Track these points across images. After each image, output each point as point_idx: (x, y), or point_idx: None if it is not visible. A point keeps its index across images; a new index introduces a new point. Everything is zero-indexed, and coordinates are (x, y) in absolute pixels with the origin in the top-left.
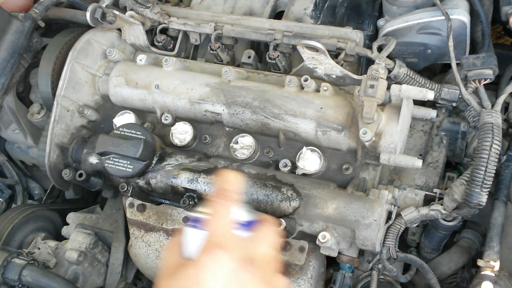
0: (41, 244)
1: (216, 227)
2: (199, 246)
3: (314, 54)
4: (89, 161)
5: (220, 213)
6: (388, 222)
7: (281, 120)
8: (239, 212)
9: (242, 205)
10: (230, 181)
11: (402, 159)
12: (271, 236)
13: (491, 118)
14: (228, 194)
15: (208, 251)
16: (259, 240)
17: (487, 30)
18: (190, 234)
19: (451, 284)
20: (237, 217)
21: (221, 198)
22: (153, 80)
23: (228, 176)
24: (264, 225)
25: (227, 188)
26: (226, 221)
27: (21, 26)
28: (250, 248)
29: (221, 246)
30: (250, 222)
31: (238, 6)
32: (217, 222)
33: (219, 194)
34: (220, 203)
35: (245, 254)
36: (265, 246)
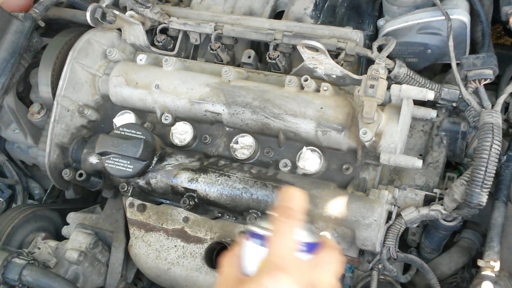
0: (41, 244)
1: (278, 247)
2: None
3: (314, 54)
4: (89, 161)
5: (283, 232)
6: (388, 222)
7: (281, 120)
8: (302, 233)
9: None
10: (295, 199)
11: (402, 159)
12: (333, 262)
13: (491, 118)
14: (293, 213)
15: (270, 271)
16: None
17: (487, 30)
18: (251, 250)
19: (451, 284)
20: (299, 238)
21: (285, 217)
22: (153, 80)
23: (293, 193)
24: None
25: (292, 207)
26: (289, 242)
27: (21, 26)
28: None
29: (283, 268)
30: (312, 244)
31: (238, 6)
32: (279, 241)
33: (283, 212)
34: (284, 221)
35: (306, 279)
36: (327, 273)
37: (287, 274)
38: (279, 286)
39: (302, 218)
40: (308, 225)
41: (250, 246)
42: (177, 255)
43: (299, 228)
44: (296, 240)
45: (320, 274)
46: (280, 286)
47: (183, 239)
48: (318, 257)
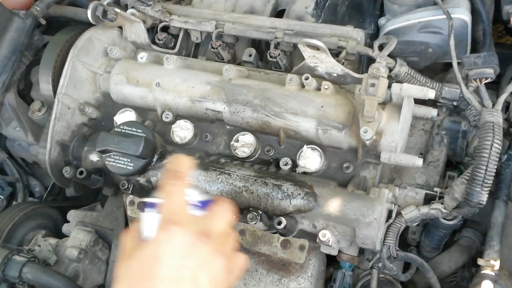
0: (41, 241)
1: (170, 206)
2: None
3: (315, 52)
4: (90, 158)
5: (172, 193)
6: (389, 220)
7: (281, 118)
8: (193, 193)
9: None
10: (181, 163)
11: (403, 158)
12: (226, 213)
13: (492, 117)
14: (179, 174)
15: (164, 228)
16: (214, 217)
17: (488, 29)
18: (147, 218)
19: (451, 283)
20: (191, 198)
21: (173, 180)
22: (154, 78)
23: (179, 158)
24: (218, 204)
25: (178, 170)
26: (180, 200)
27: (22, 23)
28: (205, 224)
29: (176, 222)
30: (204, 202)
31: (239, 5)
32: (170, 201)
33: (170, 176)
34: (171, 183)
35: (200, 229)
36: (220, 222)
37: (180, 226)
38: (173, 237)
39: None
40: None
41: (146, 216)
42: None
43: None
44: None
45: (213, 222)
46: (174, 237)
47: None
48: (210, 210)
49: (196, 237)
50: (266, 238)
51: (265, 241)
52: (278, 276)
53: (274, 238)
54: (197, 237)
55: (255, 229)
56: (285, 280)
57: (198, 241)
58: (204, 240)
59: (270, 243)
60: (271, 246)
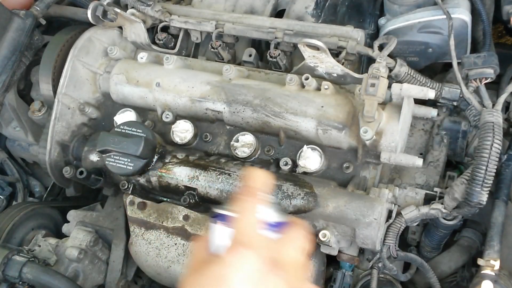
0: (41, 241)
1: (242, 225)
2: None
3: (315, 52)
4: (90, 158)
5: (247, 211)
6: (389, 220)
7: (281, 118)
8: (267, 212)
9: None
10: (258, 179)
11: (403, 158)
12: (300, 240)
13: (492, 117)
14: (256, 192)
15: (234, 249)
16: (287, 243)
17: (488, 29)
18: (217, 231)
19: (451, 283)
20: (265, 217)
21: (248, 196)
22: (154, 78)
23: (256, 174)
24: (293, 228)
25: (255, 186)
26: (253, 220)
27: (22, 23)
28: (277, 250)
29: (247, 245)
30: (279, 223)
31: (239, 5)
32: (244, 219)
33: (246, 192)
34: (247, 200)
35: (272, 255)
36: (293, 250)
37: (251, 250)
38: (242, 262)
39: (266, 197)
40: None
41: (217, 228)
42: (177, 253)
43: (264, 207)
44: (260, 218)
45: (286, 250)
46: (244, 261)
47: (183, 237)
48: (284, 235)
49: (268, 266)
50: None
51: None
52: None
53: None
54: (268, 265)
55: None
56: None
57: (269, 271)
58: (276, 270)
59: None
60: None
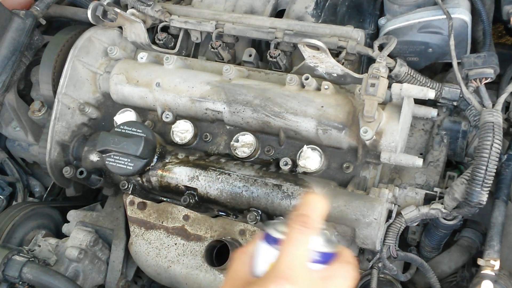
0: (41, 241)
1: (290, 256)
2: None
3: (315, 52)
4: (90, 158)
5: (297, 242)
6: (389, 220)
7: (281, 118)
8: (317, 242)
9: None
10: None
11: (403, 158)
12: (346, 278)
13: (492, 117)
14: (310, 222)
15: (276, 280)
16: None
17: (488, 29)
18: (263, 251)
19: (451, 283)
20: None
21: (302, 225)
22: (154, 78)
23: (314, 201)
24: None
25: (311, 215)
26: (301, 252)
27: (22, 23)
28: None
29: (290, 279)
30: (327, 254)
31: (239, 5)
32: (292, 250)
33: (301, 220)
34: (300, 230)
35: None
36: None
37: (293, 284)
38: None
39: (319, 226)
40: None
41: (263, 247)
42: (177, 253)
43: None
44: (309, 250)
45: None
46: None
47: (183, 237)
48: (331, 270)
49: None
50: None
51: None
52: None
53: None
54: None
55: (255, 229)
56: None
57: None
58: None
59: None
60: None
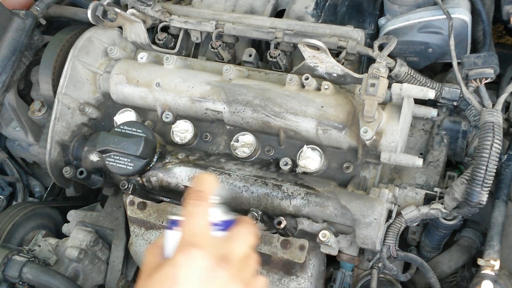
0: (41, 241)
1: (190, 226)
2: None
3: (315, 52)
4: (90, 158)
5: (194, 213)
6: (389, 220)
7: (281, 118)
8: (215, 212)
9: (217, 206)
10: (204, 182)
11: (403, 158)
12: (247, 235)
13: (492, 117)
14: (202, 195)
15: (183, 249)
16: (235, 239)
17: (488, 29)
18: (170, 236)
19: (451, 283)
20: (212, 217)
21: (195, 198)
22: (154, 78)
23: (202, 177)
24: (240, 225)
25: (201, 189)
26: (201, 221)
27: (22, 23)
28: (225, 247)
29: (195, 245)
30: (226, 222)
31: (239, 5)
32: (191, 221)
33: (193, 195)
34: (194, 203)
35: (220, 252)
36: (241, 245)
37: (199, 248)
38: (192, 261)
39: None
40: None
41: (170, 233)
42: None
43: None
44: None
45: (234, 246)
46: (193, 260)
47: None
48: (232, 232)
49: (216, 262)
50: (266, 238)
51: (265, 241)
52: (278, 276)
53: (274, 238)
54: (216, 261)
55: None
56: (285, 280)
57: (217, 266)
58: (224, 265)
59: (270, 243)
60: (271, 246)
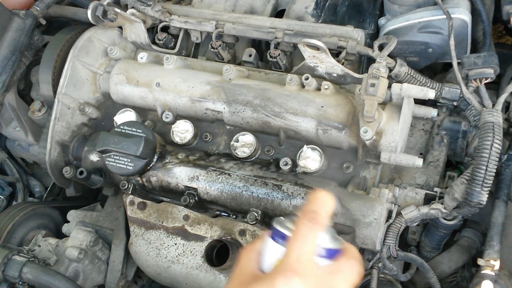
0: (41, 241)
1: (297, 250)
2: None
3: (315, 52)
4: (90, 158)
5: (304, 236)
6: (389, 220)
7: (281, 118)
8: (324, 237)
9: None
10: (322, 203)
11: (403, 158)
12: (351, 272)
13: (492, 117)
14: (317, 217)
15: (284, 273)
16: (338, 274)
17: (488, 29)
18: (272, 248)
19: (451, 283)
20: (321, 243)
21: (309, 220)
22: (154, 78)
23: (321, 197)
24: (347, 259)
25: (318, 211)
26: (309, 246)
27: (22, 23)
28: (327, 281)
29: (297, 272)
30: (333, 250)
31: (239, 5)
32: (299, 244)
33: (309, 216)
34: (308, 225)
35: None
36: (343, 282)
37: (301, 278)
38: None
39: (326, 223)
40: (332, 231)
41: (271, 244)
42: (177, 253)
43: (321, 232)
44: (317, 245)
45: (335, 282)
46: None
47: (183, 237)
48: (336, 265)
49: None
50: None
51: None
52: None
53: None
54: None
55: (255, 229)
56: None
57: None
58: None
59: None
60: None
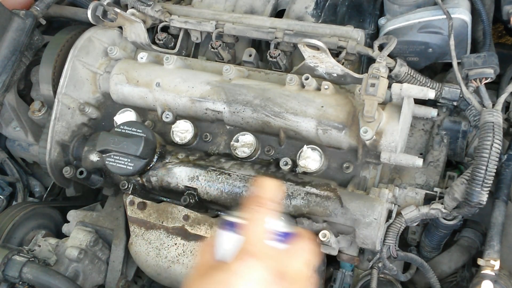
0: (41, 241)
1: (251, 234)
2: (232, 250)
3: (315, 52)
4: (90, 158)
5: (255, 220)
6: (389, 220)
7: (281, 118)
8: (276, 222)
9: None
10: (268, 188)
11: (403, 158)
12: (306, 252)
13: (492, 117)
14: (265, 202)
15: (242, 257)
16: (294, 255)
17: (488, 29)
18: (225, 237)
19: (451, 283)
20: (273, 227)
21: (257, 205)
22: (154, 78)
23: (267, 183)
24: (301, 240)
25: (265, 196)
26: (261, 229)
27: (22, 23)
28: (283, 262)
29: (254, 255)
30: (286, 234)
31: (239, 5)
32: (252, 229)
33: (256, 201)
34: (256, 210)
35: (278, 266)
36: (299, 262)
37: (258, 260)
38: (249, 271)
39: (275, 207)
40: (285, 216)
41: (225, 235)
42: (177, 253)
43: (272, 217)
44: (268, 228)
45: (292, 262)
46: (250, 271)
47: (183, 237)
48: (291, 246)
49: (272, 276)
50: None
51: None
52: None
53: None
54: (273, 275)
55: None
56: None
57: (273, 280)
58: (279, 281)
59: None
60: None
